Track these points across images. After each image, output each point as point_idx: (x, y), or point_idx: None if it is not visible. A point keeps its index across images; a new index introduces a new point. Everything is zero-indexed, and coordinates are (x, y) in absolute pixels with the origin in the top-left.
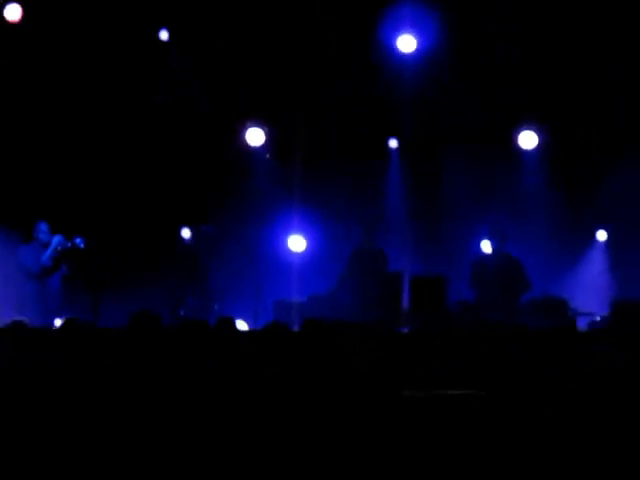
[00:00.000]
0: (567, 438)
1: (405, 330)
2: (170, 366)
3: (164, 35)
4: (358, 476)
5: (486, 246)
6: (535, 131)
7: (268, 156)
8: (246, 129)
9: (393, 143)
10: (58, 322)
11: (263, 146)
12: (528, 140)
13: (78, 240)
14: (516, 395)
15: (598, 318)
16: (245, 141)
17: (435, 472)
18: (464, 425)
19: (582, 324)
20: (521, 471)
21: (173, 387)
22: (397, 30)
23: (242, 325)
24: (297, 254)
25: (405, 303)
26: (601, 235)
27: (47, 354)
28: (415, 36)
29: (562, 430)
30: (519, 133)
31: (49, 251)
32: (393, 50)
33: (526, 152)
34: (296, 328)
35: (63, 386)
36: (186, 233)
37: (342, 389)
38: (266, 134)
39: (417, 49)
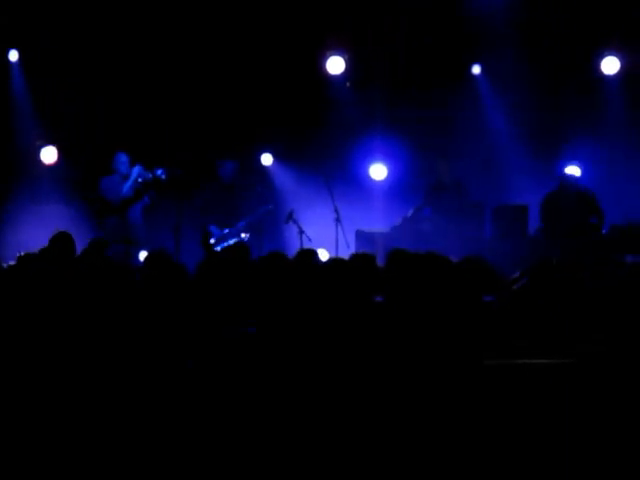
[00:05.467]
0: None
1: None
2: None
3: None
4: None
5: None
6: (617, 56)
7: (348, 85)
8: (326, 58)
9: (476, 69)
10: (142, 253)
11: (343, 74)
12: (610, 66)
13: (159, 171)
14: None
15: None
16: (326, 70)
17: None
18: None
19: None
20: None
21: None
22: None
23: (324, 254)
24: (378, 183)
25: (486, 233)
26: None
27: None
28: None
29: None
30: (601, 59)
31: (129, 182)
32: None
33: (607, 77)
34: (379, 258)
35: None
36: (267, 159)
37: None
38: (346, 62)
39: None
